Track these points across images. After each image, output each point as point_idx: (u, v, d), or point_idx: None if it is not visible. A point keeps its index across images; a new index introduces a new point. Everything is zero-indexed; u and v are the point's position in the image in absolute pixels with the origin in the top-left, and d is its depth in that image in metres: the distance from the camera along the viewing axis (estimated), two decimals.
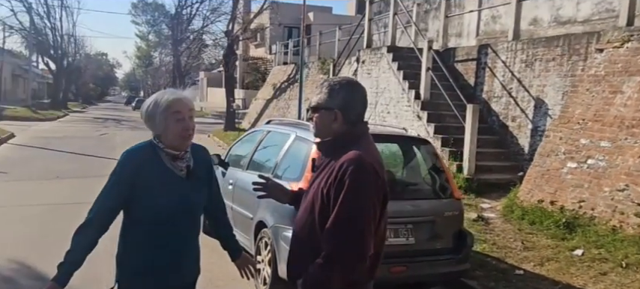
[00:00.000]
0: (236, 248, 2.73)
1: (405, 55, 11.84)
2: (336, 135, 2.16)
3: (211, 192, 2.59)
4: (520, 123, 9.57)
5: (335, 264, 2.00)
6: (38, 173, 10.72)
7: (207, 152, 2.62)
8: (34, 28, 35.88)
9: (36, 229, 6.44)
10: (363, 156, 2.04)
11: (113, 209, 2.37)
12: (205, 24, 30.68)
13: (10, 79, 43.77)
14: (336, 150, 2.12)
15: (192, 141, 2.48)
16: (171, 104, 2.34)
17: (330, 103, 2.16)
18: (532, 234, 6.61)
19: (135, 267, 2.39)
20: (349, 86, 2.19)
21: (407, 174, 5.30)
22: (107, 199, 2.36)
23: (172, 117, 2.33)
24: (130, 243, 2.40)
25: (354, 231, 1.98)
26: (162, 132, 2.36)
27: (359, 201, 1.99)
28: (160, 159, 2.38)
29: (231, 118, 22.74)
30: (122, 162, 2.38)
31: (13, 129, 19.05)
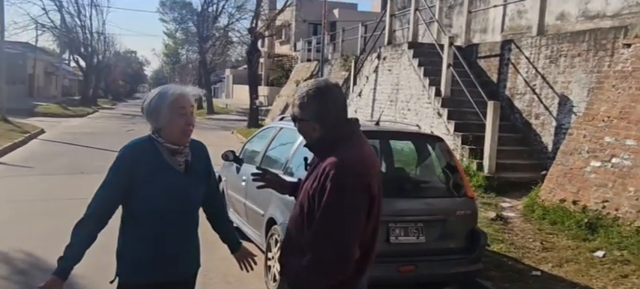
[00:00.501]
0: (235, 240, 2.75)
1: (426, 51, 11.69)
2: (318, 140, 2.16)
3: (209, 188, 2.61)
4: (544, 121, 9.33)
5: (318, 269, 1.99)
6: (64, 168, 10.97)
7: (205, 148, 2.63)
8: (65, 26, 36.76)
9: (56, 223, 6.55)
10: (344, 159, 2.01)
11: (112, 203, 2.41)
12: (230, 21, 30.89)
13: (42, 76, 45.00)
14: (324, 151, 2.12)
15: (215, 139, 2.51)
16: (178, 99, 2.39)
17: (305, 116, 2.15)
18: (552, 235, 6.44)
19: (134, 261, 2.42)
20: (321, 94, 2.13)
21: (419, 171, 5.22)
22: (106, 193, 2.40)
23: (177, 112, 2.37)
24: (128, 237, 2.43)
25: (335, 237, 1.96)
26: (165, 126, 2.39)
27: (341, 207, 1.96)
28: (159, 153, 2.40)
29: (254, 115, 22.87)
30: (120, 157, 2.42)
31: (44, 126, 19.56)
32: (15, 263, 5.14)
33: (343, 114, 2.18)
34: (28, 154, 12.98)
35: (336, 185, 1.96)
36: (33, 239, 5.82)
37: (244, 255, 2.75)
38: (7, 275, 4.85)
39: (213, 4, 33.46)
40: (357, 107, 14.25)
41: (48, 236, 5.98)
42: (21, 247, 5.55)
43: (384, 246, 4.28)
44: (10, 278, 4.78)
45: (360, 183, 2.00)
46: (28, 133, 16.46)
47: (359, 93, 14.41)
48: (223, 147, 6.37)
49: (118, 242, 2.45)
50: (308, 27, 33.12)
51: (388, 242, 4.31)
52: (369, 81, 13.82)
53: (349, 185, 1.98)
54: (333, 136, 2.12)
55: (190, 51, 48.12)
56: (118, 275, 2.45)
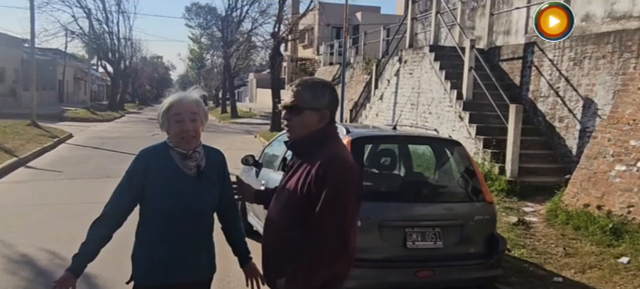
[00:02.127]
0: (245, 254, 2.73)
1: (447, 54, 11.61)
2: (311, 134, 2.15)
3: (224, 196, 2.62)
4: (567, 124, 9.17)
5: (320, 261, 2.02)
6: (90, 172, 11.22)
7: (222, 156, 2.66)
8: (93, 32, 37.58)
9: (79, 226, 6.69)
10: (339, 156, 2.08)
11: (126, 205, 2.49)
12: (254, 26, 31.16)
13: (72, 82, 46.15)
14: (310, 150, 2.13)
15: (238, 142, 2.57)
16: (172, 105, 2.45)
17: (318, 104, 2.15)
18: (576, 240, 6.33)
19: (147, 263, 2.47)
20: (331, 86, 2.23)
21: (437, 176, 5.20)
22: (121, 196, 2.49)
23: (173, 119, 2.43)
24: (142, 240, 2.50)
25: (336, 228, 2.00)
26: (167, 132, 2.48)
27: (341, 199, 2.01)
28: (170, 158, 2.47)
29: (277, 119, 22.95)
30: (135, 161, 2.50)
31: (72, 130, 20.04)
32: (39, 265, 5.29)
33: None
34: (56, 158, 13.32)
35: (337, 180, 2.01)
36: (58, 241, 5.98)
37: (252, 272, 2.70)
38: (33, 277, 4.99)
39: (237, 9, 33.80)
40: (379, 110, 14.22)
41: (73, 238, 6.10)
42: (46, 249, 5.71)
43: (401, 251, 4.28)
44: (35, 280, 4.92)
45: (354, 181, 2.07)
46: (57, 138, 16.89)
47: (380, 96, 14.37)
48: (246, 151, 6.46)
49: (134, 244, 2.52)
50: (331, 30, 33.17)
51: (405, 247, 4.30)
52: (391, 84, 13.78)
53: (347, 180, 2.04)
54: (327, 132, 2.16)
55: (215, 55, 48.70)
56: (133, 277, 2.52)
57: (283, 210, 2.19)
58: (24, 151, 12.98)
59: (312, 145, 2.13)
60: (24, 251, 5.67)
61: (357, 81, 18.86)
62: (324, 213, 2.00)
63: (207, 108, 2.65)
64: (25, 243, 5.90)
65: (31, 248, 5.72)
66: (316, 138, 2.14)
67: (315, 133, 2.14)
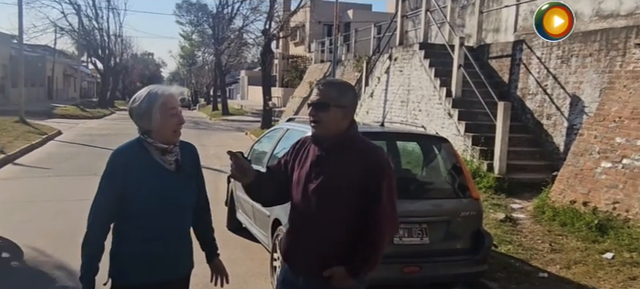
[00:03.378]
0: (212, 251, 2.71)
1: (437, 52, 11.66)
2: (341, 130, 2.35)
3: (198, 188, 2.61)
4: (555, 121, 9.26)
5: (384, 245, 2.35)
6: (78, 169, 11.17)
7: (195, 148, 2.65)
8: (83, 29, 37.30)
9: (68, 223, 6.69)
10: (379, 150, 2.43)
11: (110, 209, 2.42)
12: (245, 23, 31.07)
13: (61, 79, 45.79)
14: (341, 146, 2.33)
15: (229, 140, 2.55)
16: (168, 100, 2.42)
17: (344, 101, 2.33)
18: (562, 236, 6.39)
19: (127, 261, 2.43)
20: (353, 87, 2.51)
21: (425, 172, 5.23)
22: (103, 201, 2.42)
23: (168, 113, 2.41)
24: (122, 237, 2.45)
25: (395, 215, 2.39)
26: (156, 127, 2.41)
27: (393, 189, 2.34)
28: (149, 154, 2.43)
29: (268, 116, 22.97)
30: (111, 162, 2.43)
31: (61, 127, 19.91)
32: (26, 261, 5.26)
33: None
34: (44, 155, 13.24)
35: (391, 172, 2.35)
36: (46, 238, 5.96)
37: (219, 270, 2.70)
38: (21, 274, 4.97)
39: (228, 6, 33.69)
40: (369, 108, 14.25)
41: (62, 235, 6.12)
42: (34, 247, 5.68)
43: (388, 247, 4.29)
44: (23, 277, 4.90)
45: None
46: (46, 135, 16.77)
47: (371, 93, 14.41)
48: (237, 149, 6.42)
49: (112, 242, 2.46)
50: (322, 28, 33.16)
51: (392, 243, 4.31)
52: (381, 82, 13.82)
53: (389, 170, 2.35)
54: (354, 129, 2.39)
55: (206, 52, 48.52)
56: (111, 277, 2.46)
57: (328, 201, 2.31)
58: (12, 148, 12.88)
59: (343, 141, 2.34)
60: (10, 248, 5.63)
61: (347, 78, 18.87)
62: (384, 201, 2.28)
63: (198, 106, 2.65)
64: (13, 240, 5.86)
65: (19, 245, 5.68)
66: (347, 134, 2.35)
67: (345, 130, 2.35)
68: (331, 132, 2.31)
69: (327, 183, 2.29)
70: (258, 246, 5.85)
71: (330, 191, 2.29)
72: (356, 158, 2.29)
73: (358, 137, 2.38)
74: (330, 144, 2.33)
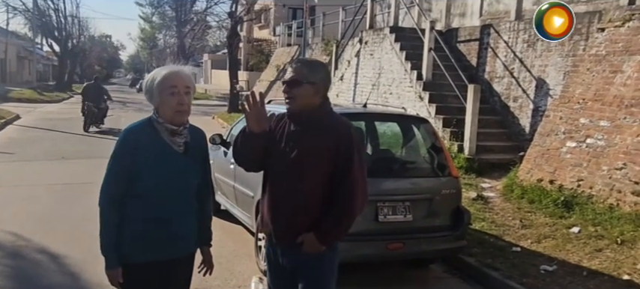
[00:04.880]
0: (207, 238, 2.73)
1: (407, 35, 11.83)
2: (314, 106, 2.49)
3: (203, 174, 2.63)
4: (521, 104, 9.59)
5: (354, 213, 2.48)
6: (44, 154, 10.86)
7: (204, 135, 2.67)
8: (37, 9, 35.88)
9: (42, 207, 6.57)
10: (349, 124, 2.53)
11: (120, 186, 2.43)
12: (209, 5, 30.64)
13: (15, 61, 43.83)
14: (314, 121, 2.48)
15: (196, 124, 2.58)
16: (167, 77, 2.42)
17: (314, 78, 2.48)
18: (531, 213, 6.69)
19: (132, 239, 2.44)
20: (324, 66, 2.66)
21: (405, 152, 5.37)
22: (113, 180, 2.44)
23: (167, 91, 2.39)
24: (128, 215, 2.45)
25: (364, 185, 2.50)
26: (158, 105, 2.43)
27: (362, 161, 2.49)
28: (158, 134, 2.44)
29: (235, 100, 22.72)
30: (121, 140, 2.46)
31: (19, 111, 19.20)
32: (4, 248, 5.14)
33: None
34: (5, 140, 12.78)
35: (357, 144, 2.48)
36: (22, 223, 5.82)
37: (206, 259, 2.73)
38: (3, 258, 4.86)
39: None
40: (339, 91, 14.36)
41: (36, 220, 6.00)
42: (11, 231, 5.54)
43: (373, 225, 4.43)
44: (1, 262, 4.79)
45: None
46: (4, 119, 16.17)
47: (341, 77, 14.51)
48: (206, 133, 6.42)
49: (119, 220, 2.45)
50: (287, 11, 32.92)
51: (377, 221, 4.46)
52: (351, 65, 13.93)
53: (361, 146, 2.56)
54: (327, 106, 2.56)
55: (168, 35, 47.46)
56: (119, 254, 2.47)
57: (303, 172, 2.47)
58: None
59: (316, 116, 2.49)
60: None
61: None
62: (355, 172, 2.43)
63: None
64: None
65: None
66: (320, 110, 2.51)
67: (318, 106, 2.50)
68: (304, 107, 2.47)
69: (301, 156, 2.45)
70: (239, 228, 5.90)
71: (303, 163, 2.45)
72: (328, 132, 2.46)
73: (330, 113, 2.55)
74: (304, 118, 2.49)
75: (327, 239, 2.48)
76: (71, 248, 4.88)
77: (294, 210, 2.50)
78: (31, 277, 4.49)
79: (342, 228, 2.50)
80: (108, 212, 2.43)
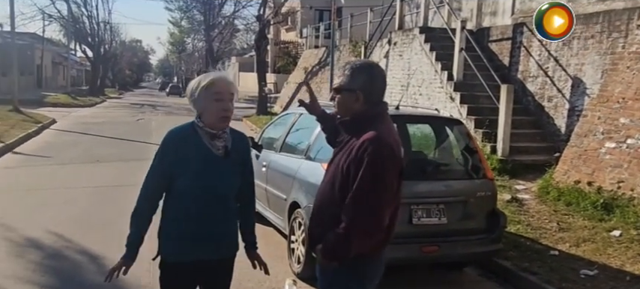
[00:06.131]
0: (252, 242, 2.77)
1: (437, 35, 11.70)
2: (356, 114, 2.31)
3: (243, 179, 2.64)
4: (557, 104, 9.37)
5: (353, 233, 2.20)
6: (80, 157, 11.12)
7: (247, 140, 2.69)
8: (71, 16, 36.83)
9: (80, 209, 6.73)
10: (381, 136, 2.21)
11: (159, 187, 2.52)
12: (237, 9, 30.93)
13: (50, 67, 45.19)
14: (356, 129, 2.28)
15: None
16: (213, 84, 2.46)
17: (352, 85, 2.32)
18: (568, 215, 6.52)
19: (175, 240, 2.51)
20: (369, 69, 2.37)
21: (439, 154, 5.30)
22: (153, 179, 2.52)
23: (212, 97, 2.44)
24: (169, 217, 2.53)
25: (370, 204, 2.18)
26: (202, 110, 2.47)
27: (376, 177, 2.17)
28: (199, 138, 2.49)
29: (263, 102, 22.92)
30: (164, 142, 2.52)
31: (54, 115, 19.71)
32: (46, 248, 5.27)
33: (382, 95, 2.37)
34: (43, 144, 13.14)
35: (375, 158, 2.16)
36: (61, 224, 5.97)
37: (257, 260, 2.76)
38: (39, 260, 4.98)
39: None
40: None
41: (74, 221, 6.14)
42: (51, 233, 5.69)
43: (407, 227, 4.38)
44: (42, 263, 4.91)
45: (393, 160, 2.22)
46: (41, 123, 16.62)
47: None
48: None
49: (160, 220, 2.55)
50: (314, 13, 32.96)
51: (411, 224, 4.41)
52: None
53: (386, 160, 2.19)
54: (371, 112, 2.30)
55: (196, 39, 48.14)
56: (159, 253, 2.56)
57: (329, 183, 2.35)
58: (10, 137, 12.76)
59: (358, 124, 2.29)
60: (27, 234, 5.65)
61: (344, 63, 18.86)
62: (359, 189, 2.18)
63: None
64: (27, 227, 5.88)
65: (34, 232, 5.70)
66: (362, 118, 2.29)
67: (360, 113, 2.30)
68: (345, 115, 2.37)
69: (334, 166, 2.35)
70: (270, 230, 5.91)
71: (334, 173, 2.33)
72: (354, 143, 2.25)
73: (371, 122, 2.25)
74: (345, 127, 2.37)
75: (326, 254, 2.30)
76: (108, 249, 4.96)
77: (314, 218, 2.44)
78: (72, 276, 4.61)
79: (337, 249, 2.24)
80: (141, 205, 2.53)
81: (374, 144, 2.17)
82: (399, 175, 2.27)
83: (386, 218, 2.24)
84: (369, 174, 2.16)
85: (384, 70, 2.53)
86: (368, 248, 2.28)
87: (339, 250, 2.25)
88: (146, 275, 3.90)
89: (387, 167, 2.19)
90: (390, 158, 2.20)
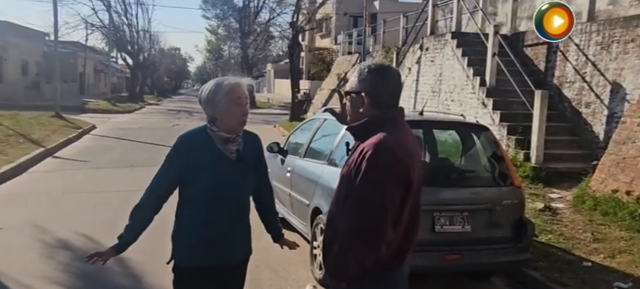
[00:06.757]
0: (278, 232, 2.89)
1: (470, 40, 11.50)
2: (364, 119, 2.14)
3: (259, 178, 2.69)
4: (594, 110, 9.04)
5: (350, 246, 2.00)
6: (115, 162, 11.42)
7: (259, 140, 2.71)
8: (113, 25, 37.96)
9: (110, 213, 6.87)
10: (383, 141, 2.01)
11: (167, 189, 2.55)
12: (272, 16, 31.24)
13: (92, 74, 46.78)
14: (364, 134, 2.10)
15: (258, 132, 2.64)
16: (234, 88, 2.48)
17: (358, 88, 2.15)
18: (604, 226, 6.27)
19: (188, 245, 2.53)
20: (377, 71, 2.16)
21: (464, 161, 5.19)
22: (161, 181, 2.55)
23: (234, 102, 2.47)
24: (182, 221, 2.56)
25: (366, 213, 1.98)
26: (221, 114, 2.48)
27: (373, 185, 1.98)
28: (212, 141, 2.50)
29: (296, 109, 23.04)
30: (176, 145, 2.55)
31: (94, 121, 20.34)
32: (76, 250, 5.42)
33: (394, 99, 2.17)
34: (81, 149, 13.56)
35: (371, 164, 1.97)
36: (91, 227, 6.12)
37: (287, 243, 2.90)
38: (68, 261, 5.13)
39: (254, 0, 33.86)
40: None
41: (105, 224, 6.27)
42: (81, 235, 5.86)
43: (429, 235, 4.29)
44: (71, 264, 5.05)
45: (395, 166, 2.00)
46: (81, 129, 17.16)
47: None
48: (267, 141, 6.55)
49: (174, 225, 2.58)
50: (348, 19, 33.02)
51: (433, 231, 4.32)
52: (412, 72, 13.71)
53: (383, 166, 1.98)
54: (379, 117, 2.10)
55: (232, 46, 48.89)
56: (173, 257, 2.58)
57: (337, 191, 2.21)
58: (50, 142, 13.24)
59: (366, 129, 2.11)
60: (59, 236, 5.84)
61: None
62: (355, 199, 2.00)
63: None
64: (59, 229, 6.07)
65: (65, 234, 5.89)
66: (370, 123, 2.11)
67: (370, 118, 2.12)
68: (353, 119, 2.18)
69: (342, 174, 2.19)
70: (295, 235, 5.88)
71: (341, 181, 2.18)
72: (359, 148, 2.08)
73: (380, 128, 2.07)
74: (355, 132, 2.19)
75: (328, 270, 2.14)
76: (135, 253, 4.99)
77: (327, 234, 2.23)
78: (96, 278, 4.70)
79: (337, 263, 2.05)
80: (145, 206, 2.55)
81: (373, 150, 1.99)
82: (410, 184, 2.05)
83: (385, 227, 1.99)
84: (365, 182, 1.98)
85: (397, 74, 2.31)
86: (370, 264, 2.02)
87: (339, 266, 2.04)
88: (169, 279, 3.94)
89: (385, 173, 1.98)
90: (390, 165, 1.98)
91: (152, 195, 2.55)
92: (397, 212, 2.02)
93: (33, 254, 5.31)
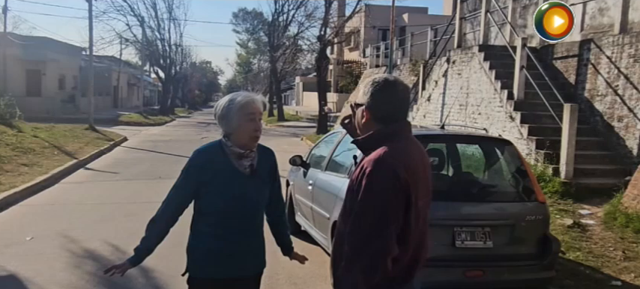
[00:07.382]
0: (288, 246, 2.89)
1: (497, 53, 11.36)
2: (366, 132, 2.12)
3: (272, 193, 2.71)
4: (627, 124, 8.78)
5: (354, 265, 1.96)
6: (144, 174, 11.66)
7: (273, 154, 2.74)
8: (146, 39, 38.99)
9: (137, 224, 6.96)
10: (382, 157, 1.98)
11: (182, 203, 2.60)
12: (300, 30, 31.49)
13: (125, 88, 48.02)
14: (367, 148, 2.09)
15: (284, 145, 2.66)
16: (246, 104, 2.52)
17: (361, 101, 2.14)
18: (636, 243, 6.07)
19: (202, 257, 2.58)
20: (380, 84, 2.13)
21: (487, 175, 5.11)
22: (176, 194, 2.60)
23: (246, 117, 2.50)
24: (197, 234, 2.60)
25: (366, 231, 1.95)
26: (234, 130, 2.52)
27: (372, 202, 1.95)
28: (226, 156, 2.55)
29: (323, 122, 23.09)
30: (191, 160, 2.60)
31: (126, 133, 20.87)
32: (102, 260, 5.55)
33: (398, 113, 2.14)
34: (112, 161, 13.91)
35: (369, 180, 1.95)
36: (118, 238, 6.26)
37: (297, 257, 2.91)
38: (94, 271, 5.25)
39: (283, 14, 34.24)
40: (426, 111, 14.06)
41: (131, 235, 6.38)
42: (108, 244, 6.00)
43: (450, 250, 4.24)
44: (96, 274, 5.17)
45: (394, 183, 1.96)
46: (113, 141, 17.63)
47: (428, 97, 14.22)
48: (293, 153, 6.62)
49: (189, 237, 2.63)
50: (377, 33, 33.04)
51: (454, 247, 4.26)
52: (438, 85, 13.61)
53: (381, 182, 1.95)
54: (382, 131, 2.08)
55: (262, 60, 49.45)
56: (188, 269, 2.63)
57: (343, 206, 2.17)
58: (83, 154, 13.63)
59: (368, 143, 2.10)
60: (87, 246, 5.99)
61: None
62: (355, 217, 1.98)
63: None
64: (87, 239, 6.24)
65: (93, 244, 6.04)
66: (373, 136, 2.09)
67: (374, 132, 2.10)
68: (361, 134, 2.16)
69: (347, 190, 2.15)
70: (317, 249, 5.89)
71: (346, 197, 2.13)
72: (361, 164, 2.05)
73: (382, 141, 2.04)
74: (359, 147, 2.17)
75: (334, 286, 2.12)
76: (160, 264, 5.14)
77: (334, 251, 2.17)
78: (121, 287, 4.80)
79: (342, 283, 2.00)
80: (161, 219, 2.60)
81: (372, 167, 1.96)
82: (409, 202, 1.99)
83: (390, 247, 1.95)
84: (364, 199, 1.95)
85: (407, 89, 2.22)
86: (378, 281, 1.97)
87: (347, 285, 1.99)
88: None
89: (384, 190, 1.94)
90: (388, 181, 1.94)
91: (168, 209, 2.60)
92: (402, 227, 2.00)
93: (61, 263, 5.45)
